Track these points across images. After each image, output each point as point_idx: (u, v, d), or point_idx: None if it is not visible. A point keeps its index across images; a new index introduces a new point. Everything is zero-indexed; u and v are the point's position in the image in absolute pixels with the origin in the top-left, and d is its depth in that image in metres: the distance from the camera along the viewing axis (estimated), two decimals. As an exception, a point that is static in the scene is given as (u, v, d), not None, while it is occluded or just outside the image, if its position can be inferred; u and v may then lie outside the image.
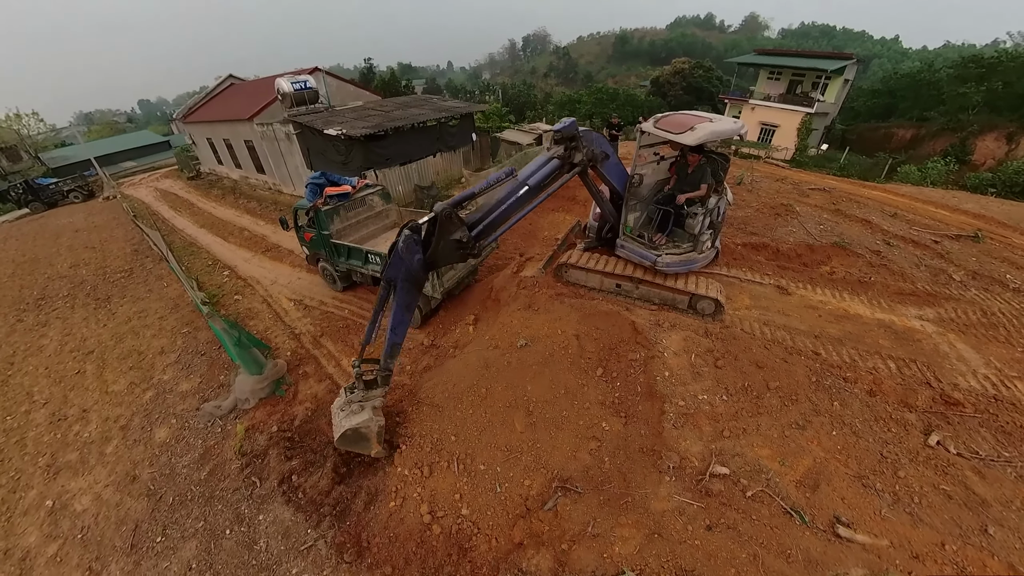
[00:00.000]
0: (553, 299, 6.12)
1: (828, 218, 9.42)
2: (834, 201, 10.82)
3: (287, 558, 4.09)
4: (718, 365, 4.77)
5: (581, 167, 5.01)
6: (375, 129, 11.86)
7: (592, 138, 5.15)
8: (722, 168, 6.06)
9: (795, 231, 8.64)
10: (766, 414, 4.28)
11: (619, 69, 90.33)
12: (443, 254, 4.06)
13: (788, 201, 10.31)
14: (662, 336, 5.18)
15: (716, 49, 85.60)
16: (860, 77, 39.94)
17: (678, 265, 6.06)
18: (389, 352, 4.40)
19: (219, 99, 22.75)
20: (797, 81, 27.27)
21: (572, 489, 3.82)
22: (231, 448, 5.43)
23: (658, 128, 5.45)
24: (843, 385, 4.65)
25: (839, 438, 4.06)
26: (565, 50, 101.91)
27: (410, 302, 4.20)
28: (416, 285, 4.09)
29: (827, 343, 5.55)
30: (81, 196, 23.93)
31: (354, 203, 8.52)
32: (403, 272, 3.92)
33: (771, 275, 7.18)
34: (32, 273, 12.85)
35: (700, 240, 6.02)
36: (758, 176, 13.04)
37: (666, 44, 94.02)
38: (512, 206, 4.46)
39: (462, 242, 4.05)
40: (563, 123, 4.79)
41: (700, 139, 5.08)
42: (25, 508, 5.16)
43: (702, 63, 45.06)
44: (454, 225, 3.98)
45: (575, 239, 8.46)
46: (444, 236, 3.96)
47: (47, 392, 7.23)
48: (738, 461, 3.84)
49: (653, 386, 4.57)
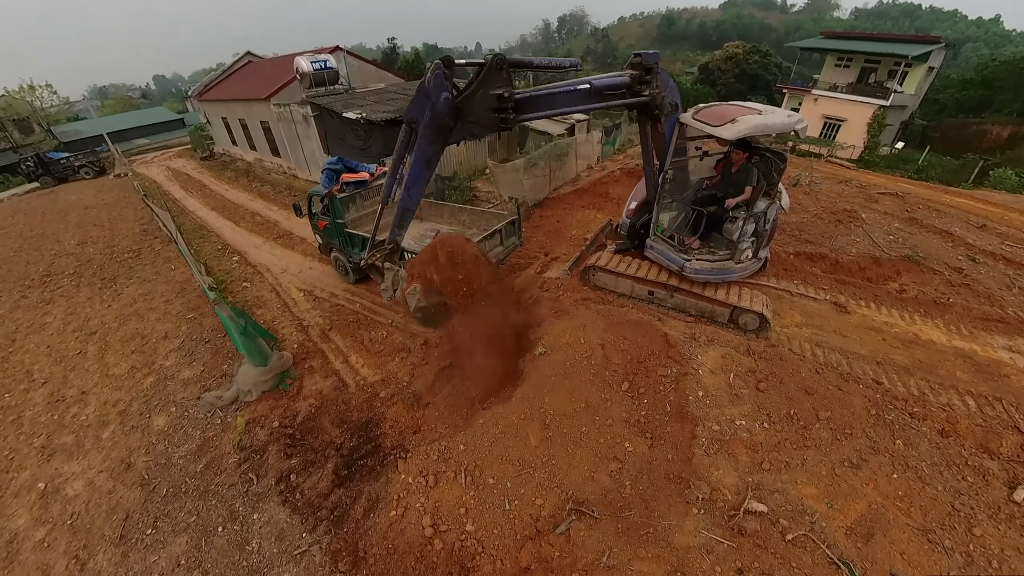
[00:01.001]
0: (578, 304, 6.11)
1: (900, 227, 9.04)
2: (908, 208, 10.33)
3: (279, 562, 4.22)
4: (760, 388, 4.65)
5: (647, 99, 4.91)
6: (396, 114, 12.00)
7: (668, 83, 5.12)
8: (776, 169, 5.88)
9: (859, 241, 8.35)
10: (814, 448, 4.14)
11: (664, 53, 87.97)
12: (477, 106, 3.74)
13: (852, 206, 9.94)
14: (697, 351, 5.09)
15: (776, 32, 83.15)
16: (948, 64, 37.80)
17: (709, 273, 5.92)
18: (399, 220, 4.25)
19: (236, 77, 23.82)
20: (870, 69, 26.10)
21: (588, 513, 3.79)
22: (230, 441, 5.66)
23: (697, 120, 5.37)
24: (909, 421, 4.45)
25: (901, 482, 3.88)
26: (604, 32, 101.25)
27: (431, 156, 3.97)
28: (439, 132, 3.83)
29: (891, 371, 5.33)
30: (92, 172, 25.55)
31: (371, 192, 8.75)
32: (427, 113, 3.65)
33: (828, 290, 6.98)
34: (39, 249, 13.79)
35: (739, 248, 5.86)
36: (818, 177, 12.61)
37: (718, 26, 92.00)
38: (566, 95, 4.26)
39: (502, 98, 3.74)
40: (648, 52, 4.83)
41: (741, 133, 4.97)
42: (17, 489, 5.50)
43: (759, 47, 43.76)
44: (502, 79, 3.71)
45: (605, 240, 8.42)
46: (486, 85, 3.69)
47: (47, 371, 7.73)
48: (778, 498, 3.73)
49: (684, 406, 4.50)
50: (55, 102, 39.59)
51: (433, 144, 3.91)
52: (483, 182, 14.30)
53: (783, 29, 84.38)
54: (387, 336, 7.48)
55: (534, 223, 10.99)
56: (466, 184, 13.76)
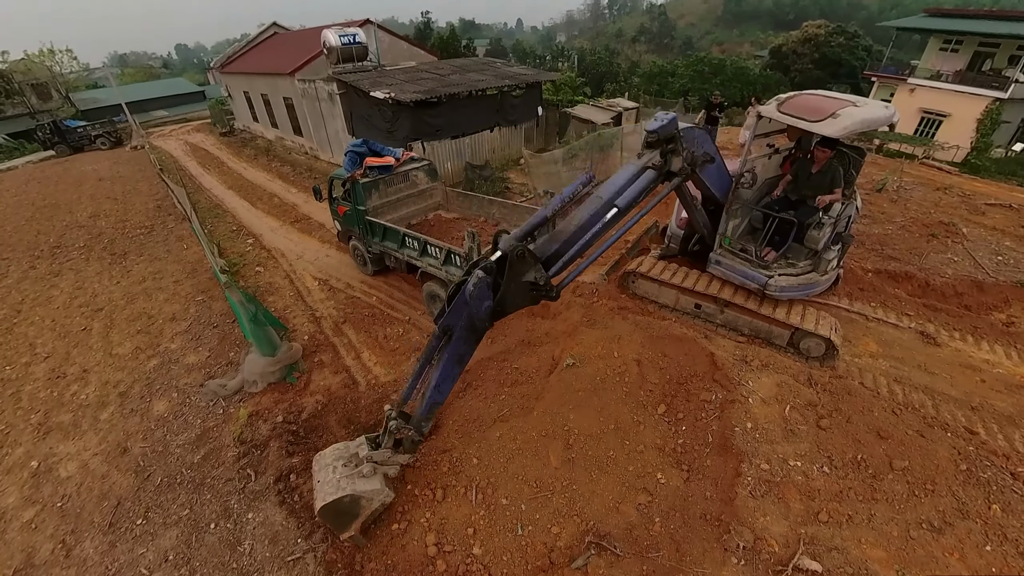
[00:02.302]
0: (614, 313, 6.08)
1: (1011, 247, 8.48)
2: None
3: (270, 567, 4.39)
4: (821, 425, 4.47)
5: (683, 176, 4.76)
6: (427, 95, 12.42)
7: (695, 137, 4.93)
8: (855, 166, 5.70)
9: (957, 260, 7.93)
10: (885, 502, 3.94)
11: (729, 34, 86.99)
12: (513, 298, 3.89)
13: (951, 218, 9.39)
14: (749, 376, 4.96)
15: (867, 9, 79.65)
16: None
17: (795, 290, 5.75)
18: (427, 412, 4.31)
19: (260, 49, 25.03)
20: (986, 54, 24.42)
21: (609, 548, 3.75)
22: (230, 433, 5.95)
23: (784, 112, 5.19)
24: (1010, 483, 4.14)
25: (995, 556, 3.62)
26: (661, 8, 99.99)
27: (464, 354, 4.17)
28: (477, 336, 4.05)
29: (990, 420, 4.99)
30: (108, 143, 27.53)
31: (396, 178, 9.00)
32: (464, 320, 3.83)
33: (913, 316, 6.66)
34: (51, 219, 14.93)
35: (824, 258, 5.68)
36: (909, 181, 11.94)
37: (797, 2, 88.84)
38: (597, 233, 4.12)
39: (537, 284, 3.87)
40: (659, 120, 4.54)
41: (847, 130, 4.76)
42: (9, 466, 5.93)
43: (845, 28, 41.86)
44: (527, 264, 3.82)
45: (649, 243, 8.30)
46: (516, 278, 3.79)
47: (50, 346, 8.35)
48: (836, 557, 3.57)
49: (729, 438, 4.39)
50: (75, 68, 42.62)
51: (469, 344, 4.10)
52: (516, 173, 14.42)
53: (876, 6, 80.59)
54: (403, 334, 7.66)
55: (570, 219, 10.95)
56: (498, 175, 13.93)
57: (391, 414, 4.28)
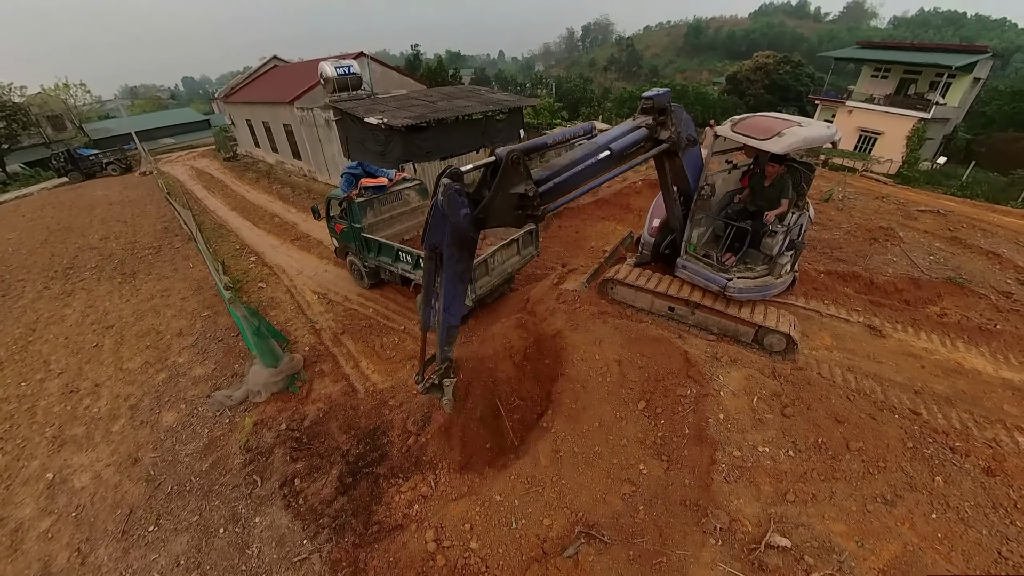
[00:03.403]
0: (595, 318, 6.05)
1: (941, 247, 8.73)
2: (951, 227, 9.97)
3: (278, 568, 4.24)
4: (786, 413, 4.50)
5: (668, 144, 4.86)
6: (417, 120, 12.35)
7: (683, 118, 5.03)
8: (805, 180, 5.82)
9: (896, 260, 8.11)
10: (844, 480, 3.97)
11: (690, 63, 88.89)
12: (498, 210, 3.50)
13: (889, 224, 9.66)
14: (719, 372, 4.97)
15: (808, 41, 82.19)
16: (996, 76, 36.63)
17: (752, 291, 5.82)
18: (446, 338, 4.10)
19: (261, 80, 24.76)
20: (910, 80, 25.48)
21: (598, 537, 3.70)
22: (236, 441, 5.77)
23: (737, 132, 5.29)
24: (950, 457, 4.22)
25: (941, 523, 3.67)
26: (629, 41, 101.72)
27: (462, 270, 3.78)
28: (466, 248, 3.66)
29: (931, 402, 5.09)
30: (119, 169, 26.82)
31: (389, 197, 8.93)
32: (448, 234, 3.47)
33: (861, 312, 6.77)
34: (64, 242, 14.46)
35: (778, 263, 5.77)
36: (852, 192, 12.30)
37: (747, 35, 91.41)
38: (587, 170, 3.99)
39: (526, 197, 3.49)
40: (656, 91, 4.72)
41: (791, 147, 4.89)
42: (26, 478, 5.70)
43: (790, 57, 43.23)
44: (520, 175, 3.46)
45: (625, 252, 8.34)
46: (505, 187, 3.42)
47: (63, 362, 8.04)
48: (803, 533, 3.57)
49: (704, 429, 4.38)
50: (88, 100, 41.83)
51: (462, 260, 3.72)
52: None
53: (816, 38, 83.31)
54: (399, 343, 7.55)
55: (552, 233, 11.01)
56: (485, 191, 13.87)
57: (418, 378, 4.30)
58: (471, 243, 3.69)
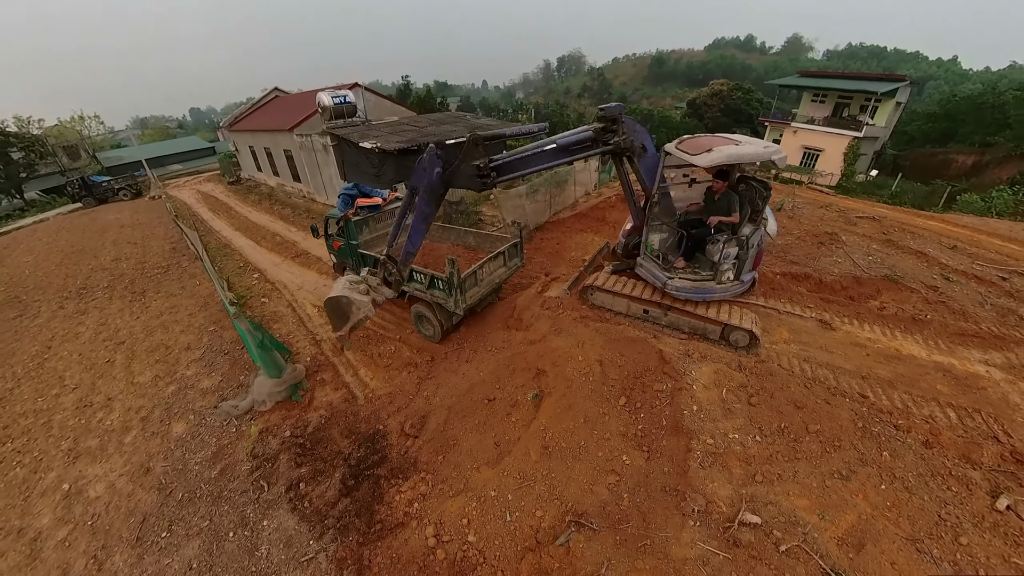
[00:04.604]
0: (577, 322, 6.04)
1: (878, 249, 9.00)
2: (885, 231, 10.31)
3: (286, 568, 4.08)
4: (752, 402, 4.54)
5: (612, 148, 5.12)
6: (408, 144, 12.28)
7: (635, 128, 5.23)
8: (761, 196, 5.83)
9: (840, 262, 8.30)
10: (805, 460, 4.01)
11: (654, 91, 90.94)
12: (462, 175, 4.46)
13: (833, 229, 9.93)
14: (691, 367, 5.00)
15: (756, 71, 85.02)
16: (914, 100, 38.52)
17: (691, 292, 5.83)
18: (404, 259, 4.94)
19: (263, 110, 24.41)
20: (844, 104, 26.61)
21: (587, 525, 3.65)
22: (243, 449, 5.56)
23: (679, 149, 5.43)
24: (894, 433, 4.32)
25: (889, 493, 3.74)
26: (600, 71, 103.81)
27: (428, 213, 4.73)
28: (434, 198, 4.62)
29: (876, 385, 5.20)
30: (129, 194, 26.02)
31: (383, 215, 8.81)
32: (424, 183, 4.43)
33: (813, 308, 6.88)
34: (78, 263, 13.93)
35: (720, 269, 5.78)
36: (800, 202, 12.65)
37: (704, 66, 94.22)
38: (535, 156, 4.74)
39: (480, 168, 4.37)
40: (611, 104, 4.98)
41: (715, 162, 4.99)
42: (43, 489, 5.43)
43: (741, 85, 44.64)
44: (478, 152, 4.35)
45: (603, 261, 8.40)
46: (468, 159, 4.36)
47: (77, 378, 7.69)
48: (771, 510, 3.59)
49: (680, 420, 4.39)
50: (101, 131, 40.95)
51: (429, 205, 4.71)
52: (488, 207, 14.41)
53: (763, 68, 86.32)
54: (395, 351, 7.42)
55: (535, 245, 11.03)
56: (472, 209, 13.88)
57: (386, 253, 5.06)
58: (439, 195, 4.69)
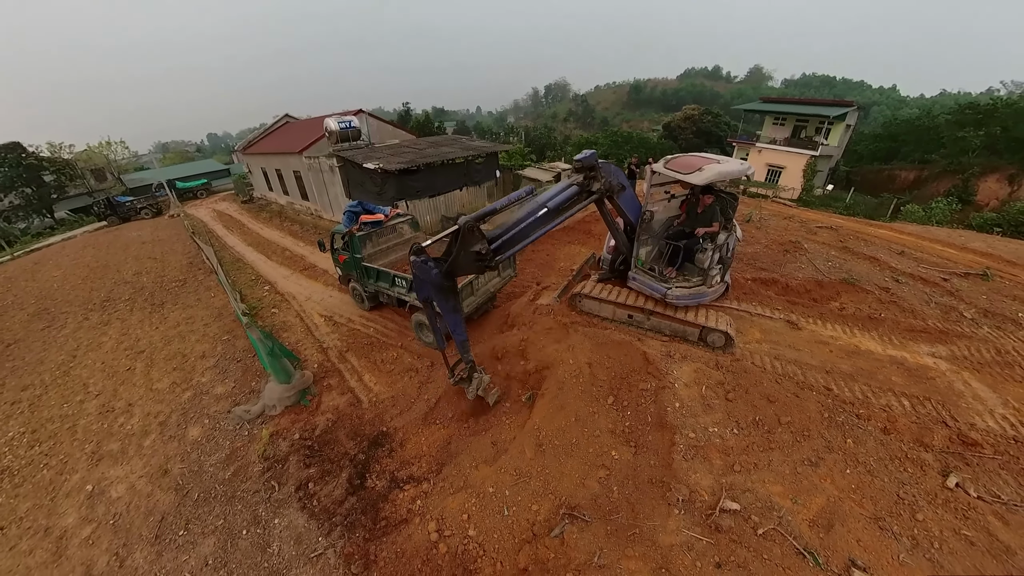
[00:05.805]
0: (567, 327, 6.01)
1: (836, 255, 9.14)
2: (841, 239, 10.49)
3: (297, 564, 3.96)
4: (729, 398, 4.54)
5: (598, 195, 5.03)
6: (408, 164, 12.40)
7: (610, 170, 5.21)
8: (731, 206, 5.98)
9: (804, 267, 8.39)
10: (778, 449, 4.01)
11: (633, 115, 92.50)
12: (463, 264, 4.09)
13: (796, 238, 10.07)
14: (673, 367, 4.99)
15: (723, 97, 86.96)
16: (862, 123, 39.66)
17: (688, 298, 5.91)
18: (463, 349, 4.73)
19: (275, 134, 24.33)
20: (801, 126, 27.29)
21: (580, 517, 3.60)
22: (255, 451, 5.43)
23: (668, 168, 5.48)
24: (856, 422, 4.33)
25: (853, 477, 3.74)
26: (583, 98, 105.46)
27: (452, 305, 4.33)
28: (447, 292, 4.20)
29: (839, 379, 5.23)
30: (151, 213, 25.70)
31: (385, 230, 8.79)
32: (430, 288, 4.09)
33: (781, 310, 6.93)
34: (102, 278, 13.67)
35: (709, 274, 5.89)
36: (766, 214, 12.85)
37: (676, 93, 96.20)
38: (531, 225, 4.43)
39: (481, 254, 4.06)
40: (584, 154, 4.84)
41: (708, 179, 5.07)
42: (68, 490, 5.29)
43: (711, 110, 45.62)
44: (475, 238, 4.02)
45: (589, 270, 8.40)
46: (465, 247, 4.00)
47: (100, 385, 7.51)
48: (749, 497, 3.57)
49: (664, 417, 4.37)
50: (126, 155, 40.90)
51: (448, 300, 4.27)
52: (484, 220, 14.44)
53: (729, 95, 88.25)
54: (398, 357, 7.34)
55: (527, 257, 11.03)
56: (469, 222, 13.88)
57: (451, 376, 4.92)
58: (450, 289, 4.22)
